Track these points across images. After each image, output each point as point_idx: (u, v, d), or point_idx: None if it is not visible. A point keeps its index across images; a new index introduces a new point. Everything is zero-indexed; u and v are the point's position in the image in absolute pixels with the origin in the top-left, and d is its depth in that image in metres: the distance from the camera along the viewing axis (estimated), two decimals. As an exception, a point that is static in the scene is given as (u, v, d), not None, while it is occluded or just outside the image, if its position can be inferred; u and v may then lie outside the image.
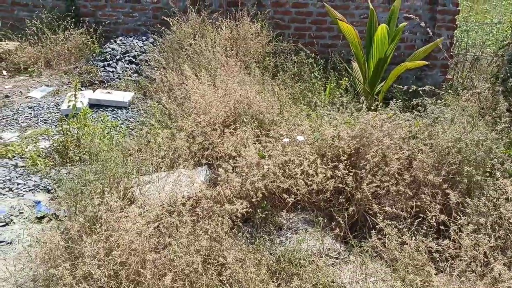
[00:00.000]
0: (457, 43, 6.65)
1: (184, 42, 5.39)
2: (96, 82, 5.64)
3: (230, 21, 5.84)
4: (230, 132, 3.49)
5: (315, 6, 6.40)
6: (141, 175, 3.36)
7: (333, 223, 2.81)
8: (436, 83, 6.21)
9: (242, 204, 2.68)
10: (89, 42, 6.21)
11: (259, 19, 5.99)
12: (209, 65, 4.90)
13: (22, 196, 3.40)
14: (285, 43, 6.09)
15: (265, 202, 2.96)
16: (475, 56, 6.72)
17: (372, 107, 4.27)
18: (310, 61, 5.96)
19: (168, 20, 5.83)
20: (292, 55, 6.00)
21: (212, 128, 3.59)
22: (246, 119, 3.63)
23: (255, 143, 3.31)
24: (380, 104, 5.41)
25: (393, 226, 2.54)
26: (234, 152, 3.26)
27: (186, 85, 4.55)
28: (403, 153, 2.90)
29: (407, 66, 5.32)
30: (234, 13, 6.03)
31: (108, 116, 4.64)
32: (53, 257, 2.29)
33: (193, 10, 5.85)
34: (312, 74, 5.82)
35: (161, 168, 3.38)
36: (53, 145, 4.03)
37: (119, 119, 4.74)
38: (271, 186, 2.87)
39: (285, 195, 2.79)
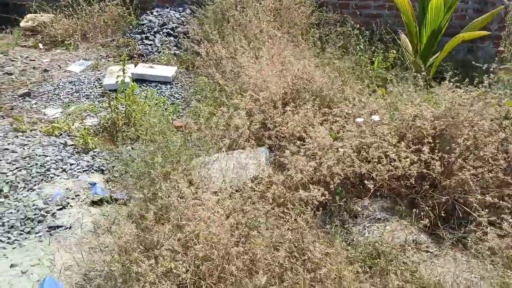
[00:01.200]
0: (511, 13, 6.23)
1: (228, 13, 5.08)
2: (135, 55, 5.38)
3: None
4: (291, 111, 3.24)
5: (359, -27, 6.01)
6: (201, 156, 3.15)
7: (415, 211, 2.55)
8: (488, 56, 5.86)
9: (319, 190, 2.44)
10: (125, 14, 5.92)
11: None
12: (256, 38, 4.61)
13: (77, 177, 3.20)
14: (330, 13, 5.74)
15: (340, 189, 2.72)
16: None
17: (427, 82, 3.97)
18: (355, 33, 5.63)
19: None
20: (337, 26, 5.67)
21: (272, 105, 3.34)
22: (307, 95, 3.36)
23: (322, 124, 3.06)
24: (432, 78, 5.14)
25: (492, 216, 2.28)
26: (302, 132, 3.01)
27: (235, 59, 4.28)
28: (498, 135, 2.61)
29: (464, 37, 4.97)
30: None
31: (154, 91, 4.40)
32: (129, 250, 2.10)
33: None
34: (358, 47, 5.50)
35: (221, 148, 3.15)
36: (101, 123, 3.82)
37: (163, 95, 4.50)
38: (347, 171, 2.62)
39: (366, 181, 2.54)
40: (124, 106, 3.84)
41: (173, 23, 5.82)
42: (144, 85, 4.62)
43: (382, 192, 2.69)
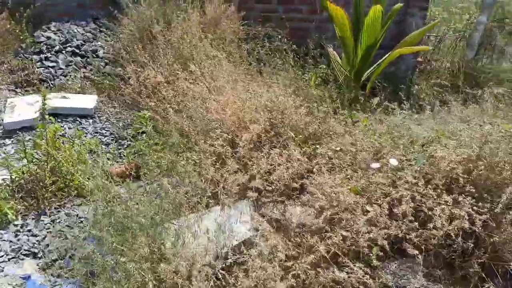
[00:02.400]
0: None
1: (151, 28, 4.30)
2: (35, 81, 4.34)
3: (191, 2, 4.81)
4: (277, 153, 2.64)
5: (281, -17, 5.58)
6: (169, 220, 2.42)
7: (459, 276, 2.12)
8: (409, 67, 5.80)
9: (360, 268, 1.89)
10: (16, 31, 4.81)
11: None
12: (192, 58, 3.91)
13: (1, 271, 2.27)
14: (255, 26, 5.21)
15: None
16: (439, 37, 6.42)
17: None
18: (284, 48, 5.21)
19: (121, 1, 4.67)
20: (265, 41, 5.18)
21: (251, 147, 2.71)
22: (288, 132, 2.79)
23: (321, 168, 2.50)
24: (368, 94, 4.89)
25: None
26: (297, 180, 2.43)
27: (175, 85, 3.57)
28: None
29: (403, 52, 4.77)
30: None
31: (82, 133, 3.49)
32: None
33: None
34: (288, 63, 5.08)
35: (198, 206, 2.45)
36: (15, 179, 2.86)
37: (86, 132, 3.61)
38: (379, 235, 2.10)
39: (406, 247, 2.05)
40: (45, 154, 2.92)
41: (77, 40, 4.85)
42: (59, 120, 3.67)
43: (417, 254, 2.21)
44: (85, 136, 3.48)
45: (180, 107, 3.21)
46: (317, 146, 2.69)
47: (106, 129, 3.65)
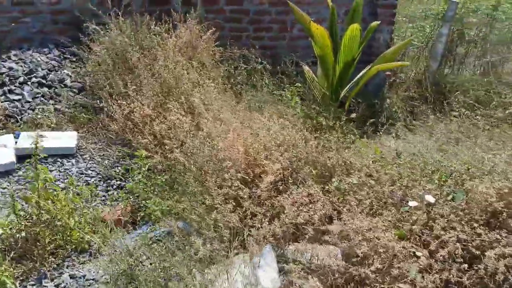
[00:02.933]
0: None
1: (127, 55, 4.03)
2: (1, 117, 3.96)
3: (162, 25, 4.56)
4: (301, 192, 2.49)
5: (251, 3, 5.45)
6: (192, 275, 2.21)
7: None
8: (380, 80, 5.83)
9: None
10: (-28, 61, 4.39)
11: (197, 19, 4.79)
12: (177, 87, 3.70)
13: None
14: (234, 48, 5.04)
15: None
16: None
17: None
18: (259, 68, 5.11)
19: (89, 25, 4.36)
20: (240, 62, 5.04)
21: (270, 188, 2.55)
22: (307, 169, 2.64)
23: (358, 204, 2.37)
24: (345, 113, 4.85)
25: None
26: (325, 221, 2.29)
27: (166, 118, 3.34)
28: None
29: (380, 68, 4.77)
30: (158, 14, 4.77)
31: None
32: None
33: (117, 11, 4.43)
34: (263, 83, 4.97)
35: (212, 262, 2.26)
36: (4, 239, 2.54)
37: (70, 173, 3.30)
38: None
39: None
40: (35, 207, 2.61)
41: (42, 69, 4.49)
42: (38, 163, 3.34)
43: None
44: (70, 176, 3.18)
45: (181, 144, 2.98)
46: (337, 181, 2.56)
47: (91, 169, 3.36)
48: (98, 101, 3.97)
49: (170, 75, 3.70)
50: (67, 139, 3.54)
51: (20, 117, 3.99)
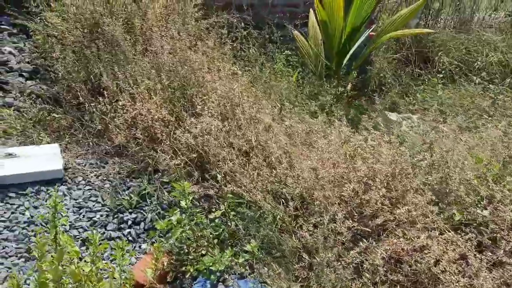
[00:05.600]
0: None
1: (102, 26, 2.96)
2: None
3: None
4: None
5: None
6: None
7: None
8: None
9: None
10: None
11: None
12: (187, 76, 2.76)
13: None
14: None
15: None
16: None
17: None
18: (244, 34, 4.24)
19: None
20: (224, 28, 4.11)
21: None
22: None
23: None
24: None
25: None
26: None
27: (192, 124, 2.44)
28: None
29: (397, 36, 4.11)
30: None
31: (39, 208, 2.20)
32: None
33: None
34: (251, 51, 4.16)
35: None
36: None
37: (65, 210, 2.32)
38: None
39: None
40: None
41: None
42: (11, 195, 2.31)
43: None
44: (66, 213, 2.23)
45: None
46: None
47: (91, 198, 2.40)
48: (69, 93, 2.89)
49: (175, 59, 2.74)
50: (48, 157, 2.50)
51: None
